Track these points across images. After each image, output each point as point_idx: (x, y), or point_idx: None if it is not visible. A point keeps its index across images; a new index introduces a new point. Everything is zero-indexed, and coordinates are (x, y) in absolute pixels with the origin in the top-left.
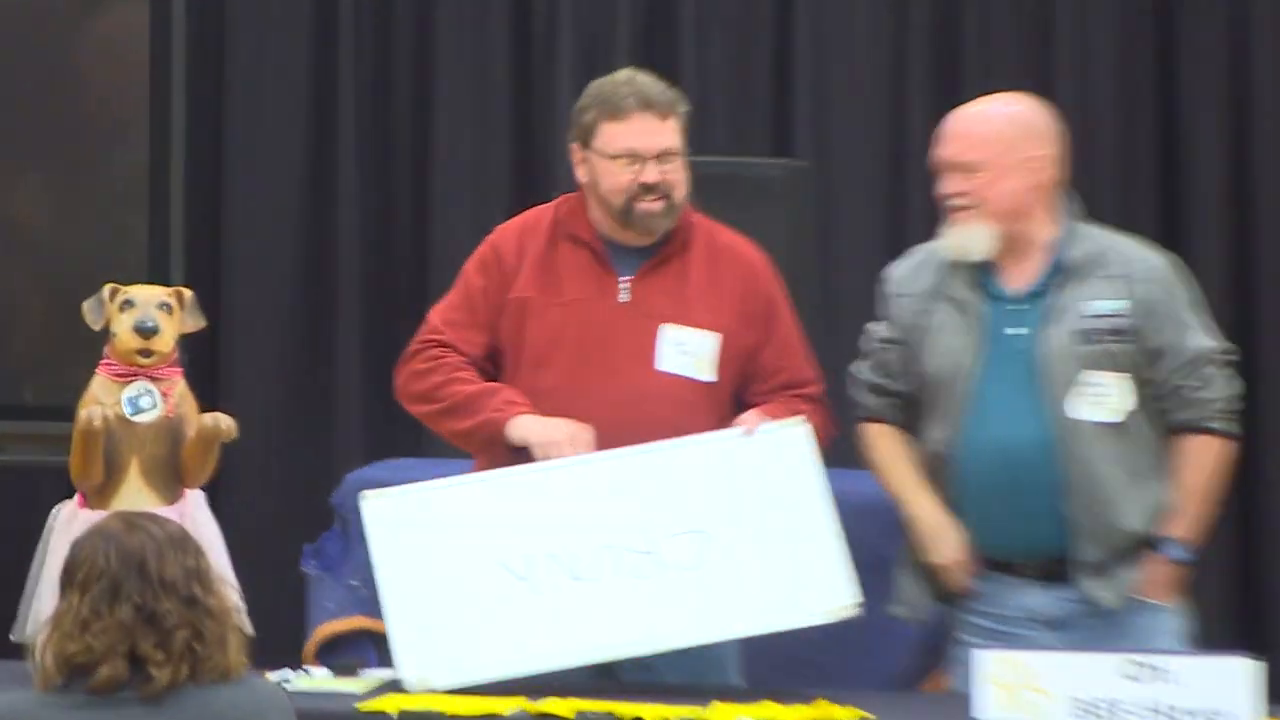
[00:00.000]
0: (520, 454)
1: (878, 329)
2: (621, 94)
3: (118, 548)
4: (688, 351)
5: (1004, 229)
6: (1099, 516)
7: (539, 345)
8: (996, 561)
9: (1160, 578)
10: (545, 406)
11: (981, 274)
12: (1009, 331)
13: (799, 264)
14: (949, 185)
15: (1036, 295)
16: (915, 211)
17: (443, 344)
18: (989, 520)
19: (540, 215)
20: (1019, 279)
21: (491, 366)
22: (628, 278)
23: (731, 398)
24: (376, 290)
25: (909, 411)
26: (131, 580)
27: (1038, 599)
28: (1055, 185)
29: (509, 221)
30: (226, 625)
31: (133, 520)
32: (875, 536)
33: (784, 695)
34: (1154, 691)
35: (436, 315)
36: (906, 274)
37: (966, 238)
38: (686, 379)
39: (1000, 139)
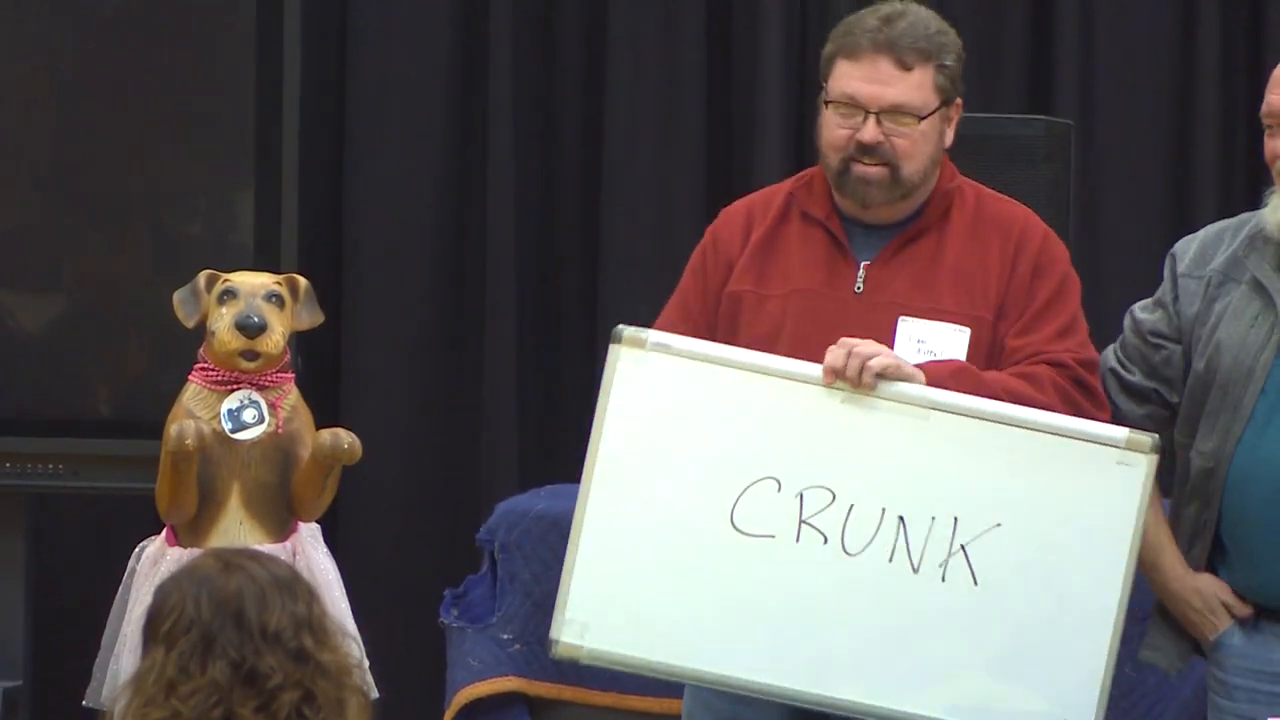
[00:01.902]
0: None
1: (1148, 317)
2: (865, 26)
3: (210, 592)
4: (929, 350)
5: None
6: None
7: (754, 344)
8: (1266, 609)
9: None
10: None
11: None
12: None
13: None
14: None
15: None
16: (1199, 178)
17: None
18: (1262, 559)
19: (774, 192)
20: None
21: None
22: (867, 262)
23: None
24: (535, 283)
25: (1173, 424)
26: (227, 632)
27: None
28: None
29: (737, 202)
30: (345, 686)
31: (230, 559)
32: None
33: None
34: None
35: (657, 325)
36: (1199, 251)
37: None
38: None
39: None
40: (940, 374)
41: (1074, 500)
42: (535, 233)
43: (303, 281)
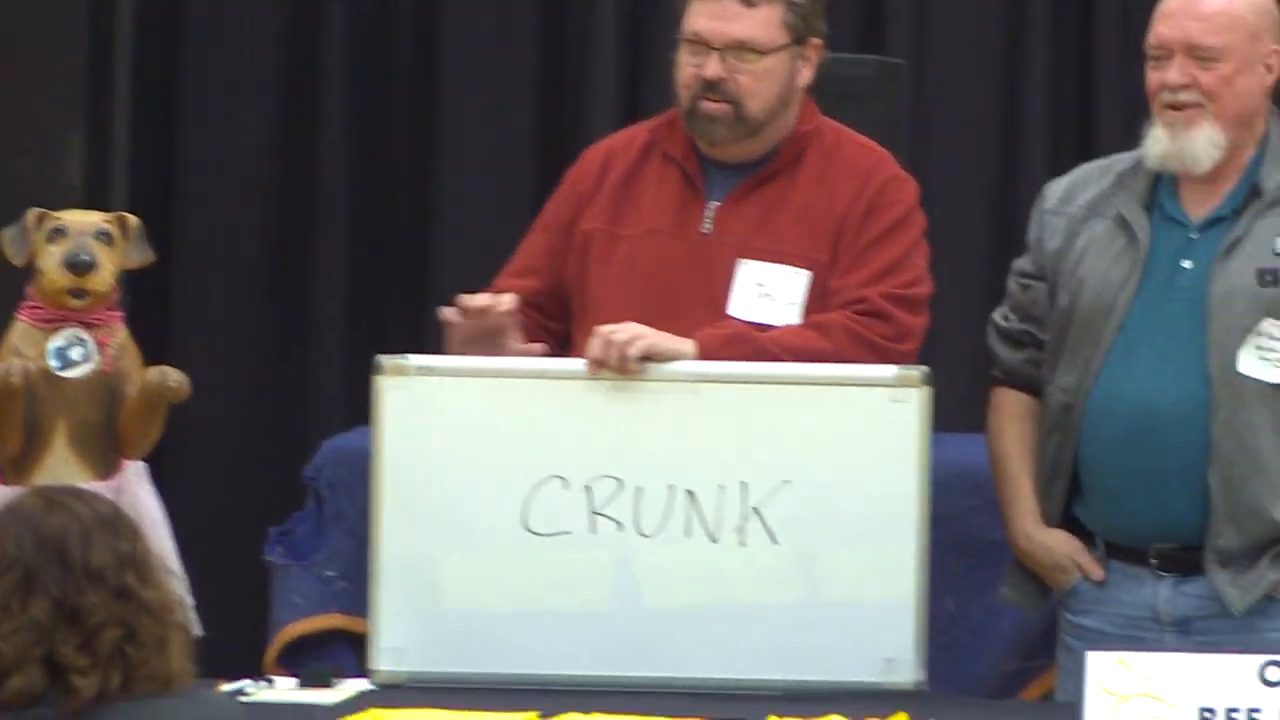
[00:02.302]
0: None
1: (1018, 260)
2: None
3: (33, 530)
4: (768, 293)
5: (1230, 137)
6: (1245, 497)
7: (603, 285)
8: (1120, 548)
9: None
10: None
11: (1158, 192)
12: (1178, 265)
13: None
14: (1173, 74)
15: (1216, 223)
16: (1030, 120)
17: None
18: (1117, 495)
19: (638, 131)
20: (1200, 204)
21: (546, 316)
22: (717, 203)
23: None
24: (366, 222)
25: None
26: (49, 570)
27: (1164, 596)
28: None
29: (601, 141)
30: (168, 624)
31: (54, 497)
32: (983, 514)
33: (855, 703)
34: None
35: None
36: (1066, 189)
37: (1189, 143)
38: (763, 326)
39: (1245, 24)
40: (712, 344)
41: (855, 445)
42: (366, 173)
43: (133, 220)
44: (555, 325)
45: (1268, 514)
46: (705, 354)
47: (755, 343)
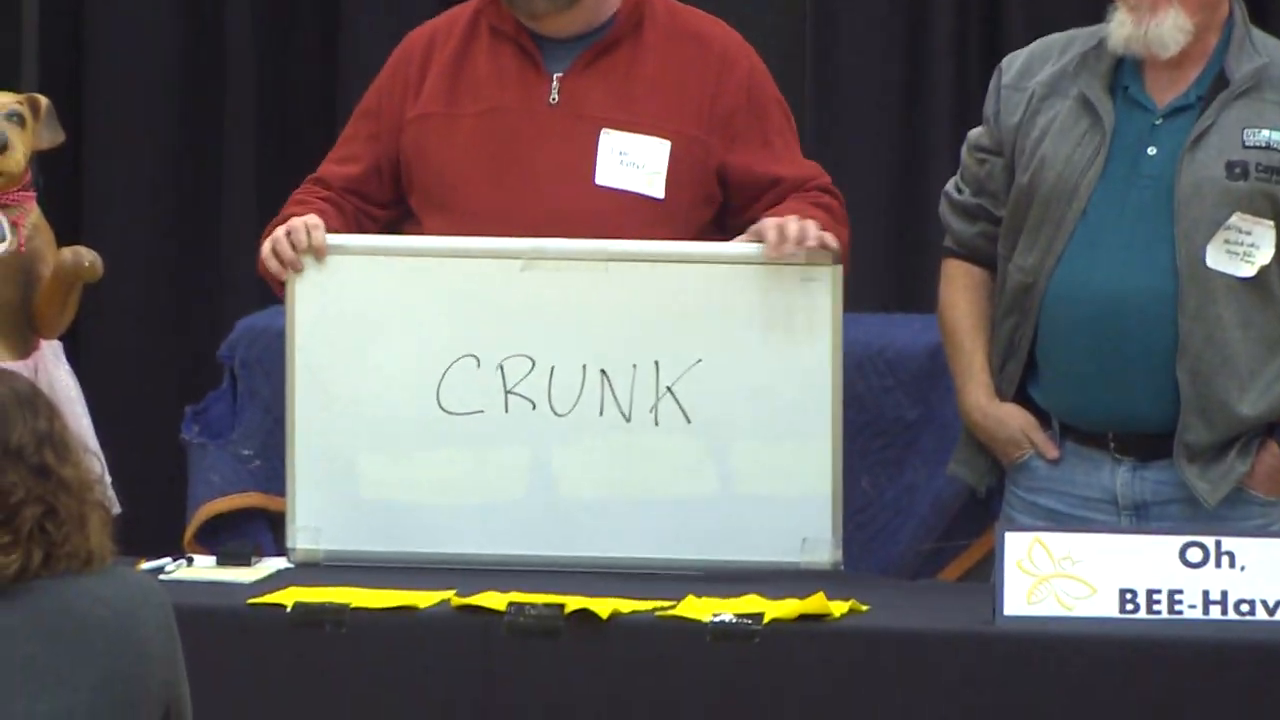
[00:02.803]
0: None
1: (974, 133)
2: None
3: None
4: (632, 161)
5: (1196, 21)
6: (1214, 391)
7: (448, 168)
8: (1076, 430)
9: (1277, 473)
10: (469, 233)
11: (1121, 75)
12: (1142, 151)
13: (787, 51)
14: None
15: (1183, 111)
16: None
17: (312, 183)
18: (1077, 380)
19: (460, 12)
20: (1165, 89)
21: (370, 203)
22: (560, 74)
23: (697, 220)
24: (274, 95)
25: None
26: (17, 441)
27: (1122, 479)
28: None
29: (420, 27)
30: (87, 502)
31: None
32: (898, 394)
33: (774, 583)
34: (1222, 580)
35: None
36: (1024, 64)
37: (1155, 27)
38: (633, 195)
39: None
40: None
41: (768, 323)
42: (274, 40)
43: (44, 100)
44: (378, 211)
45: (1235, 409)
46: None
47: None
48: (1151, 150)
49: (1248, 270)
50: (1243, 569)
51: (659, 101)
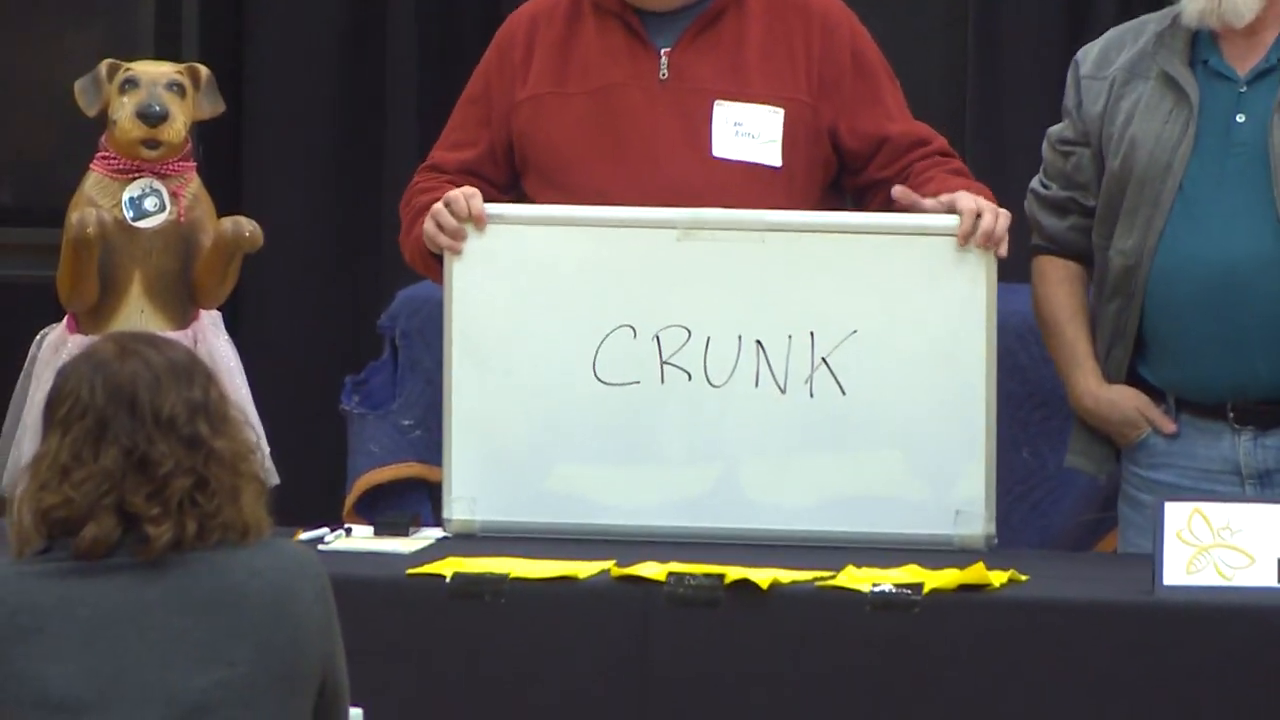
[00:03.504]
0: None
1: (1056, 128)
2: None
3: (105, 378)
4: (747, 132)
5: None
6: None
7: (563, 144)
8: (1191, 404)
9: None
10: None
11: (1199, 49)
12: (1231, 119)
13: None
14: None
15: (1266, 75)
16: None
17: (427, 169)
18: (1191, 354)
19: None
20: (1244, 57)
21: (489, 184)
22: (668, 49)
23: (815, 185)
24: (437, 63)
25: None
26: (120, 418)
27: (1244, 449)
28: None
29: (518, 10)
30: (240, 473)
31: (127, 344)
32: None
33: (932, 555)
34: None
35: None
36: (1100, 53)
37: None
38: (751, 165)
39: None
40: None
41: (922, 294)
42: (437, 5)
43: (204, 70)
44: (495, 193)
45: None
46: None
47: None
48: (1240, 117)
49: None
50: None
51: (767, 70)
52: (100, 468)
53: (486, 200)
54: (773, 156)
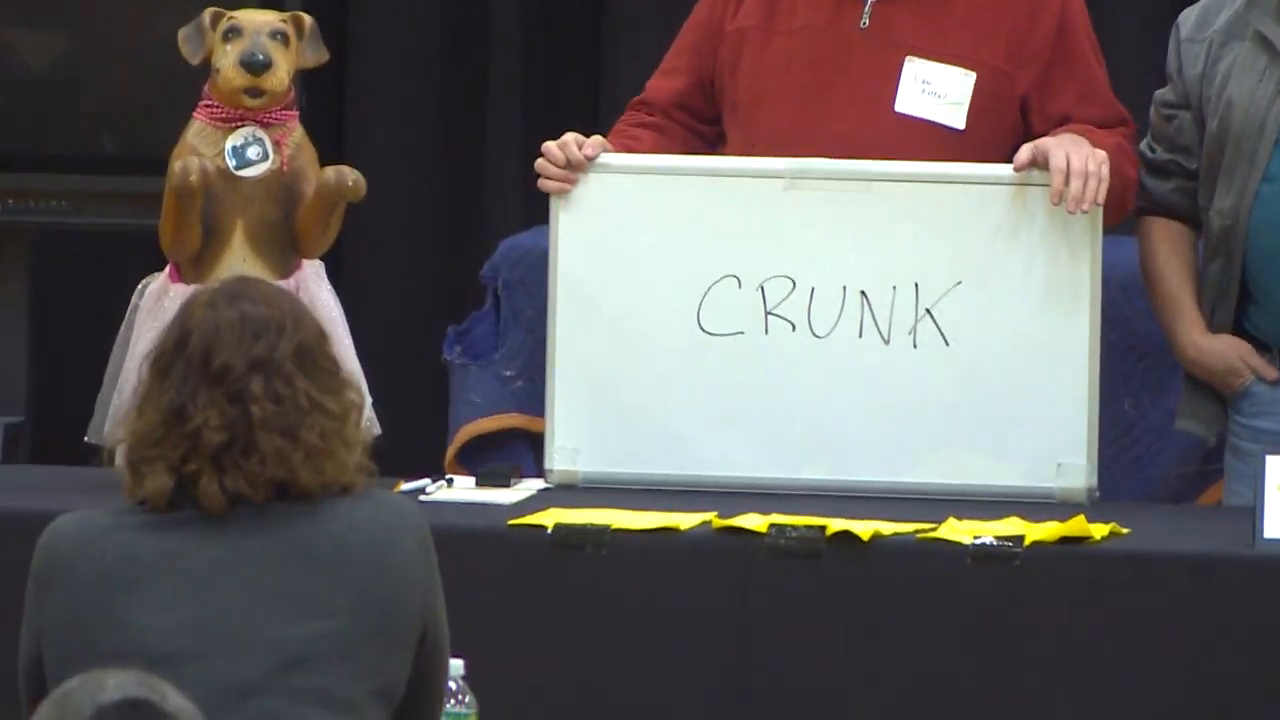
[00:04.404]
0: None
1: (1160, 92)
2: None
3: (178, 325)
4: (934, 91)
5: None
6: None
7: (756, 81)
8: None
9: None
10: (763, 153)
11: None
12: None
13: None
14: None
15: None
16: None
17: (640, 105)
18: None
19: None
20: None
21: (698, 119)
22: (874, 0)
23: (998, 153)
24: (541, 12)
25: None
26: (177, 367)
27: None
28: None
29: None
30: (346, 423)
31: (217, 295)
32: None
33: (1032, 509)
34: None
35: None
36: (1199, 16)
37: None
38: (932, 125)
39: None
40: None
41: (1027, 245)
42: None
43: (308, 19)
44: (705, 127)
45: None
46: None
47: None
48: None
49: None
50: None
51: (968, 33)
52: (145, 421)
53: (695, 133)
54: (956, 119)
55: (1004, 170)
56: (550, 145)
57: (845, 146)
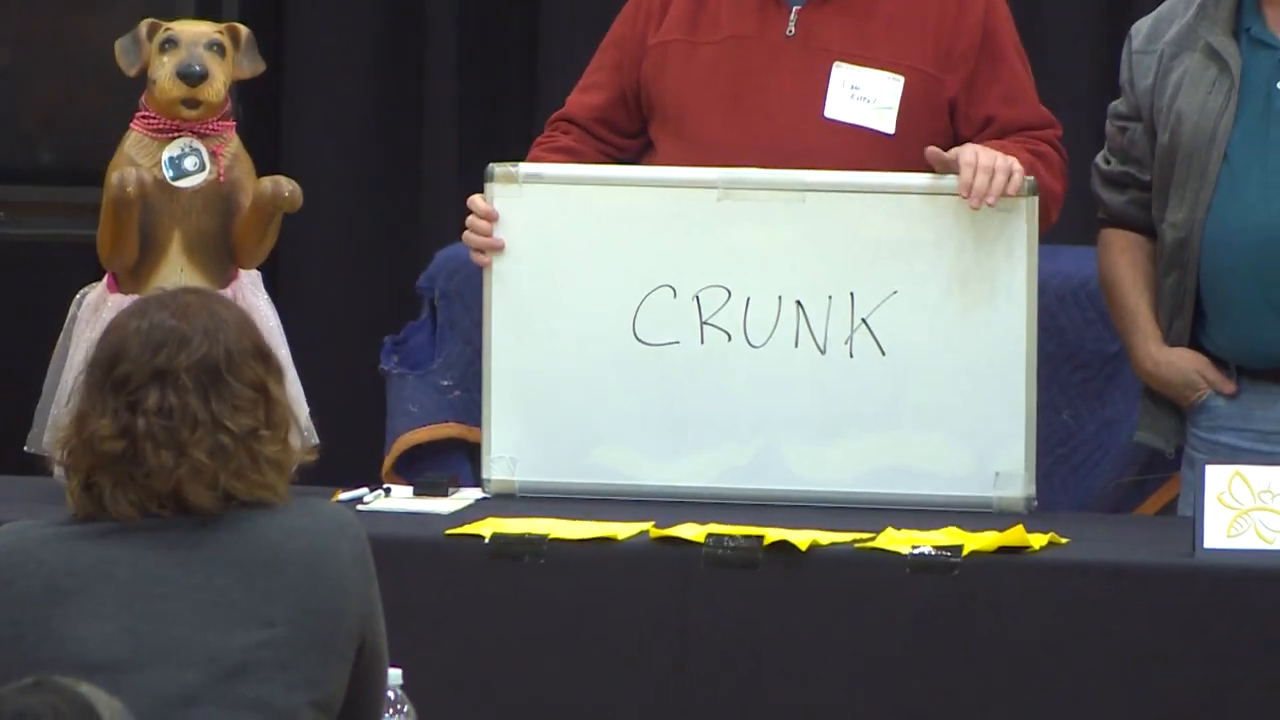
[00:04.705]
0: None
1: (1115, 105)
2: None
3: (121, 332)
4: (863, 96)
5: None
6: None
7: (684, 93)
8: (1253, 371)
9: None
10: (694, 162)
11: (1242, 17)
12: (1273, 87)
13: None
14: None
15: None
16: None
17: (559, 121)
18: (1245, 321)
19: None
20: None
21: (618, 133)
22: (799, 7)
23: (925, 159)
24: (476, 21)
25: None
26: (110, 380)
27: None
28: None
29: None
30: (253, 441)
31: (160, 300)
32: (1098, 326)
33: (971, 518)
34: None
35: (571, 99)
36: (1151, 27)
37: None
38: (862, 130)
39: None
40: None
41: (963, 255)
42: None
43: (244, 30)
44: (625, 141)
45: None
46: None
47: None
48: None
49: None
50: None
51: (894, 37)
52: (64, 430)
53: (615, 148)
54: (886, 123)
55: (939, 180)
56: (468, 227)
57: (776, 154)
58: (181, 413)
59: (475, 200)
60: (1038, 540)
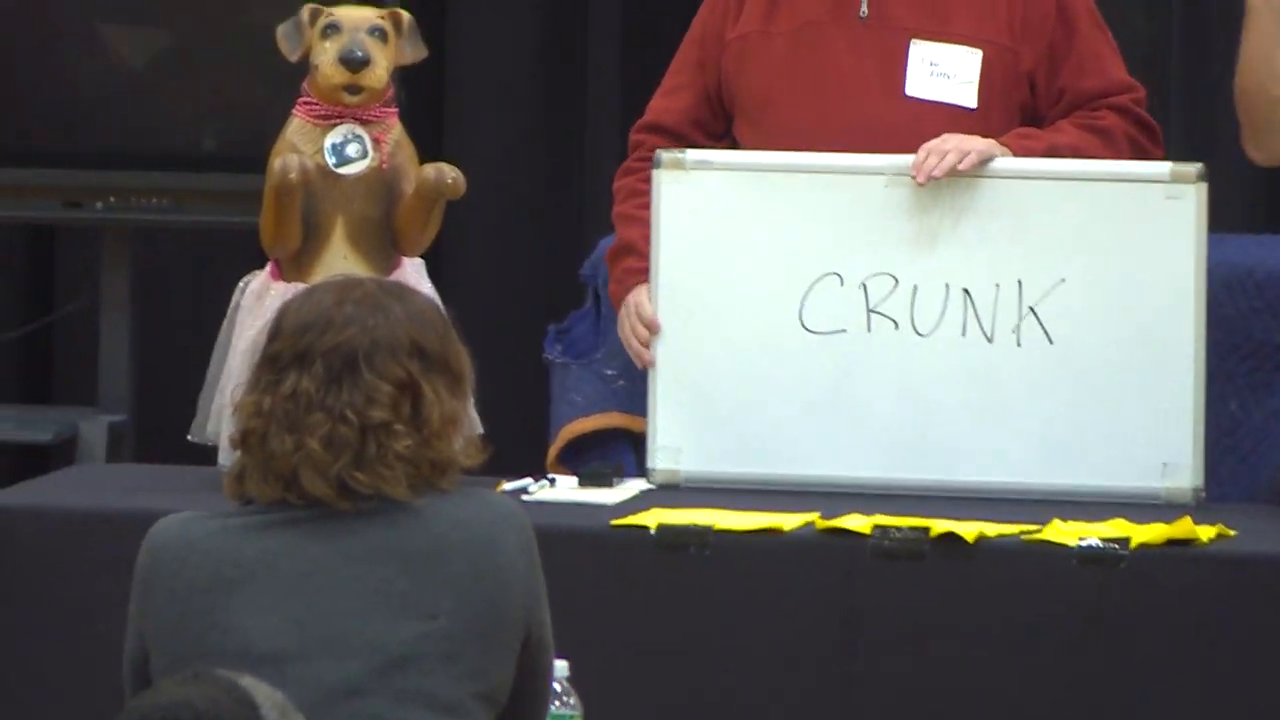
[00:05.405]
0: None
1: None
2: None
3: (301, 314)
4: (943, 72)
5: None
6: None
7: (765, 83)
8: None
9: None
10: (780, 148)
11: None
12: None
13: None
14: None
15: None
16: None
17: (646, 131)
18: None
19: None
20: None
21: (707, 135)
22: None
23: (1011, 128)
24: (640, 6)
25: None
26: (277, 367)
27: None
28: None
29: None
30: (386, 429)
31: (315, 289)
32: (1266, 315)
33: (1138, 509)
34: None
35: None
36: None
37: None
38: (945, 106)
39: None
40: (1018, 151)
41: (1131, 242)
42: None
43: (406, 16)
44: (715, 145)
45: None
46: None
47: (1051, 144)
48: None
49: None
50: None
51: (969, 12)
52: (238, 407)
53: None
54: (968, 97)
55: (1110, 167)
56: (626, 327)
57: (861, 136)
58: (306, 398)
59: (642, 302)
60: (1206, 532)
